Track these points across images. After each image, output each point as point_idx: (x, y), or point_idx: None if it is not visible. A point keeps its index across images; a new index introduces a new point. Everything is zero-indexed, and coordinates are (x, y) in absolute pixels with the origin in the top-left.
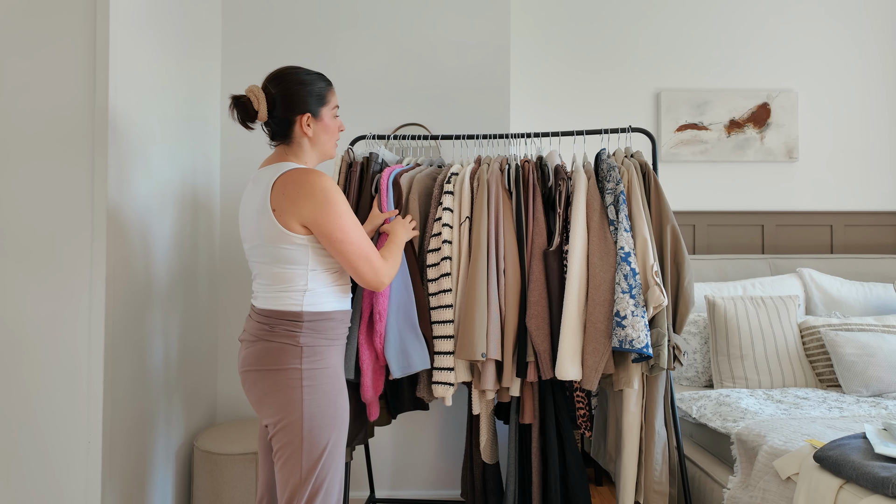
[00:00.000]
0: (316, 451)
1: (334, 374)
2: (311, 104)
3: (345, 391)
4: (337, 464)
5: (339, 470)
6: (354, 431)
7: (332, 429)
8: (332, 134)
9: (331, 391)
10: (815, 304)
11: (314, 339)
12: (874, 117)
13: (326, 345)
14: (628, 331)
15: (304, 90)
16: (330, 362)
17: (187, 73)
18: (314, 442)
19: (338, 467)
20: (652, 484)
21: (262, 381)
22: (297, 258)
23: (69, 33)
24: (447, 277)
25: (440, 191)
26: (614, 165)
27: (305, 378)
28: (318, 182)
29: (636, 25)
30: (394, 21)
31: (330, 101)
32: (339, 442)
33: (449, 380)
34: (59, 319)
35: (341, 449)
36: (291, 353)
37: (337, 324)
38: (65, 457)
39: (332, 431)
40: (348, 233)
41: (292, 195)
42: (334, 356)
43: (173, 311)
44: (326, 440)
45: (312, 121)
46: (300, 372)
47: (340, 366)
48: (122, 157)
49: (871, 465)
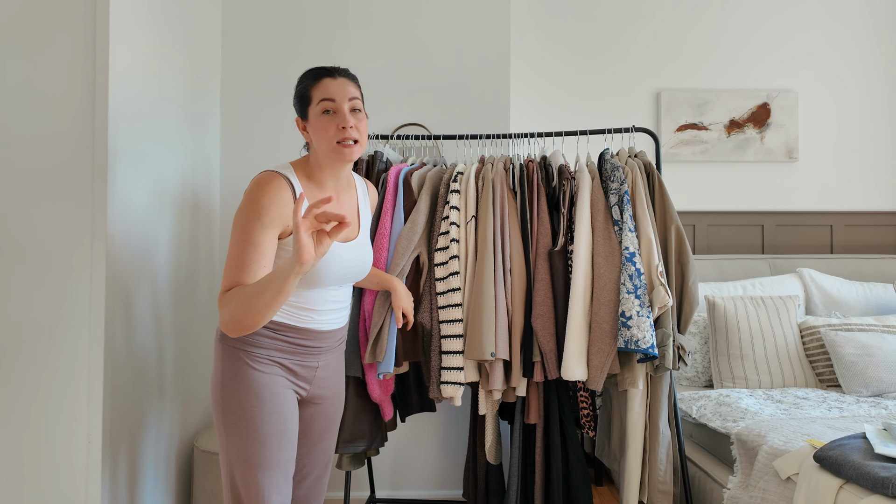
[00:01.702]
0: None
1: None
2: (298, 108)
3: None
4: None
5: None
6: (373, 436)
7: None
8: (322, 133)
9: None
10: (815, 304)
11: (232, 343)
12: (874, 117)
13: (246, 352)
14: (634, 331)
15: (295, 96)
16: (247, 372)
17: (188, 73)
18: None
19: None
20: (656, 483)
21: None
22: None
23: (69, 33)
24: (456, 276)
25: (446, 189)
26: (618, 165)
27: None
28: (252, 184)
29: (636, 25)
30: (394, 21)
31: (313, 98)
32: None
33: (458, 379)
34: (59, 319)
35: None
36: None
37: (261, 338)
38: (65, 457)
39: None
40: (232, 243)
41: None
42: (256, 366)
43: (173, 311)
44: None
45: (306, 124)
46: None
47: (265, 380)
48: (122, 158)
49: (871, 465)
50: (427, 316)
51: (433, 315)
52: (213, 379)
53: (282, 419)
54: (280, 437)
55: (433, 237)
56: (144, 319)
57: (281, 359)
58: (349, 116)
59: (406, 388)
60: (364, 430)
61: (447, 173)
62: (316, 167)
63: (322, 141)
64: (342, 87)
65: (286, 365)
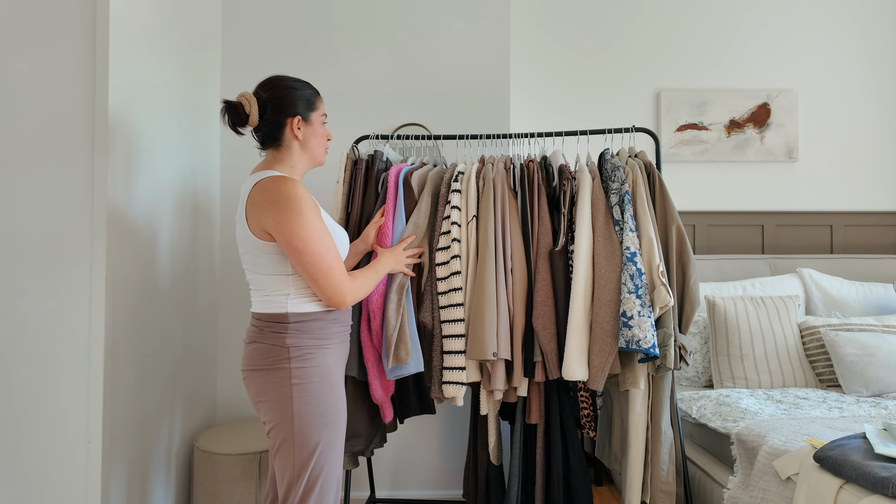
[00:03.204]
0: (307, 450)
1: (324, 373)
2: (300, 107)
3: (337, 391)
4: (331, 463)
5: (335, 469)
6: (370, 436)
7: (323, 427)
8: (321, 139)
9: (320, 390)
10: (815, 304)
11: (300, 340)
12: (874, 117)
13: (315, 345)
14: (635, 331)
15: (293, 94)
16: (320, 362)
17: (187, 73)
18: (304, 440)
19: (332, 466)
20: (659, 483)
21: (256, 381)
22: (275, 265)
23: (69, 33)
24: (457, 276)
25: (447, 189)
26: (619, 165)
27: (294, 377)
28: (282, 190)
29: (636, 25)
30: (394, 21)
31: (318, 107)
32: (332, 441)
33: (461, 379)
34: (59, 319)
35: (336, 448)
36: (279, 353)
37: (326, 324)
38: (65, 457)
39: (322, 430)
40: (309, 243)
41: (259, 203)
42: (326, 356)
43: (173, 310)
44: (317, 439)
45: (303, 124)
46: (289, 371)
47: (335, 366)
48: (121, 158)
49: (871, 465)
50: (429, 316)
51: (435, 315)
52: (280, 385)
53: (345, 402)
54: (344, 420)
55: (434, 237)
56: (144, 319)
57: (337, 344)
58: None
59: (405, 389)
60: (360, 430)
61: (448, 173)
62: (297, 166)
63: (319, 146)
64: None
65: (339, 348)
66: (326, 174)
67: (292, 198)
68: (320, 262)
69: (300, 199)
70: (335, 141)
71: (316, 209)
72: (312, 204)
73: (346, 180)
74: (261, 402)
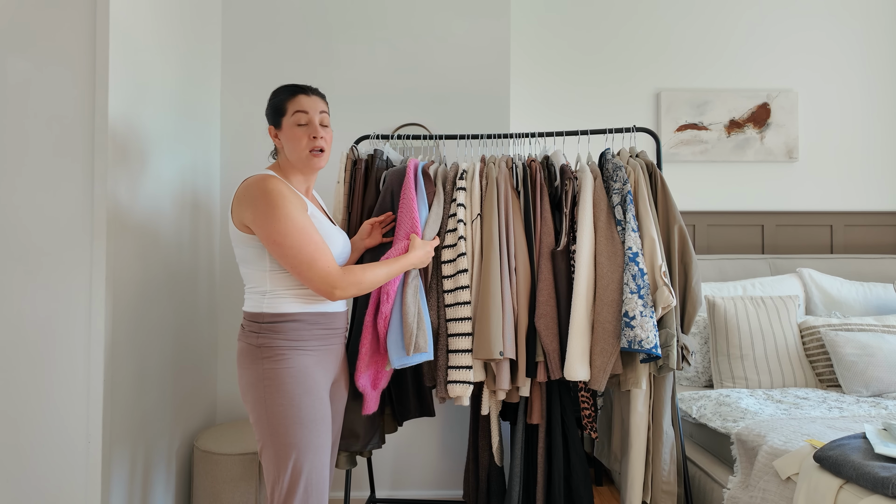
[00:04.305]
0: (283, 450)
1: (299, 374)
2: (271, 116)
3: (315, 392)
4: (313, 463)
5: (319, 470)
6: (368, 437)
7: (298, 427)
8: (297, 141)
9: (294, 391)
10: (815, 304)
11: (273, 340)
12: (874, 117)
13: (288, 346)
14: (637, 331)
15: (268, 105)
16: (294, 363)
17: (187, 72)
18: (280, 440)
19: (315, 467)
20: (660, 484)
21: (240, 381)
22: (254, 258)
23: (69, 33)
24: (464, 274)
25: (452, 187)
26: (621, 165)
27: (266, 378)
28: (261, 186)
29: (636, 25)
30: (394, 21)
31: (288, 110)
32: (310, 441)
33: (467, 378)
34: (59, 319)
35: (317, 449)
36: (253, 353)
37: (304, 325)
38: (65, 457)
39: (297, 430)
40: (287, 236)
41: (241, 199)
42: (302, 358)
43: (173, 310)
44: (292, 439)
45: (278, 131)
46: (262, 371)
47: (314, 368)
48: (121, 158)
49: (871, 465)
50: (434, 314)
51: (440, 313)
52: (255, 385)
53: (325, 404)
54: (324, 421)
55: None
56: (144, 319)
57: (317, 346)
58: (319, 128)
59: (404, 391)
60: (358, 430)
61: (452, 171)
62: (289, 171)
63: (295, 149)
64: (314, 103)
65: (320, 351)
66: (326, 174)
67: (269, 192)
68: (301, 254)
69: (276, 193)
70: (335, 141)
71: (298, 205)
72: (293, 200)
73: (346, 180)
74: (245, 402)
